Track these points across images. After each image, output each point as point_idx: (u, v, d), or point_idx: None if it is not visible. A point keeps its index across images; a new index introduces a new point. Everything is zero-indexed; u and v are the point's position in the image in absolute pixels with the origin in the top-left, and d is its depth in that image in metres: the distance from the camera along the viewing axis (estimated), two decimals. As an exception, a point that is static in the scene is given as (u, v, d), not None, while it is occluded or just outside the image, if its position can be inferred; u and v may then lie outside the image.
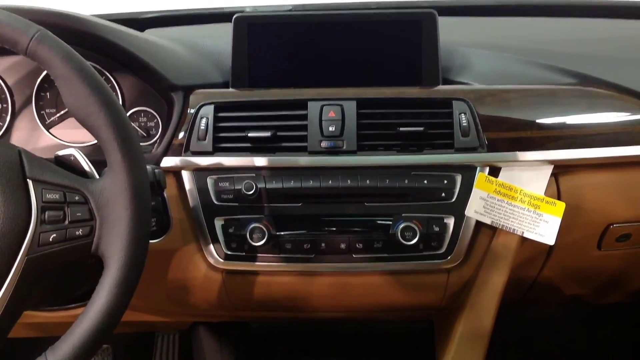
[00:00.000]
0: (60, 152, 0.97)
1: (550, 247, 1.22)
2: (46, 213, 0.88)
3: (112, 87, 1.24)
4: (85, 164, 0.95)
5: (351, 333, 1.55)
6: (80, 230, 0.88)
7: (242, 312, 1.38)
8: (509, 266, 1.22)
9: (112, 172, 0.89)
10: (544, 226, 1.17)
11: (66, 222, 0.88)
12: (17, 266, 0.85)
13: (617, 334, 2.17)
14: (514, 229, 1.18)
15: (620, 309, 1.79)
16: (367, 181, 1.16)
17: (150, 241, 1.16)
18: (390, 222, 1.17)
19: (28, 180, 0.88)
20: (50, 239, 0.87)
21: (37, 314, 1.29)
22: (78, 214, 0.89)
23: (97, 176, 0.94)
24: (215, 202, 1.17)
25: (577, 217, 1.20)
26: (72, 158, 0.96)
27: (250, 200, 1.16)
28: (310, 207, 1.18)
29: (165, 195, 1.17)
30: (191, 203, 1.18)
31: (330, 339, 1.52)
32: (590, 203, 1.20)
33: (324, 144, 1.16)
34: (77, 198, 0.89)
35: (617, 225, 1.23)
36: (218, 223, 1.18)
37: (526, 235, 1.18)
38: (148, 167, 1.00)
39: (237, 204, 1.17)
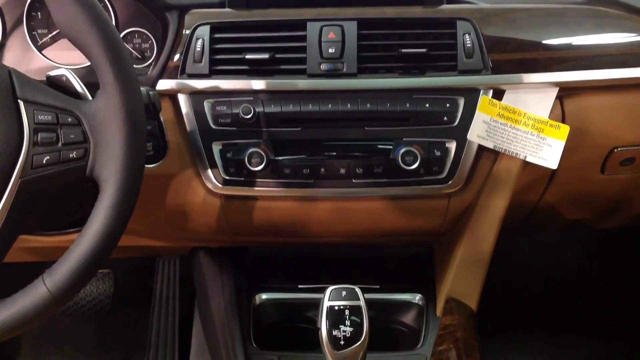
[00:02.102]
0: (52, 73, 0.94)
1: (553, 171, 1.21)
2: (39, 135, 0.86)
3: (105, 6, 1.20)
4: (78, 85, 0.93)
5: (350, 258, 1.55)
6: (74, 152, 0.87)
7: (242, 237, 1.39)
8: (511, 191, 1.21)
9: (105, 93, 0.87)
10: (547, 150, 1.15)
11: (59, 144, 0.87)
12: (10, 189, 0.84)
13: (618, 259, 2.19)
14: (516, 153, 1.16)
15: (621, 233, 1.80)
16: (368, 105, 1.14)
17: (148, 166, 1.16)
18: (391, 147, 1.16)
19: (19, 101, 0.86)
20: (44, 162, 0.86)
21: (34, 238, 1.29)
22: (71, 136, 0.87)
23: (90, 97, 0.92)
24: (213, 126, 1.15)
25: (581, 140, 1.18)
26: (64, 79, 0.93)
27: (249, 125, 1.14)
28: (309, 132, 1.16)
29: (161, 119, 1.16)
30: (188, 127, 1.16)
31: (329, 264, 1.53)
32: (595, 126, 1.18)
33: (323, 66, 1.13)
34: (69, 120, 0.88)
35: (622, 148, 1.21)
36: (216, 148, 1.16)
37: (529, 159, 1.16)
38: (142, 89, 0.98)
39: (235, 129, 1.15)
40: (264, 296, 1.48)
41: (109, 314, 2.07)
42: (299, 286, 1.48)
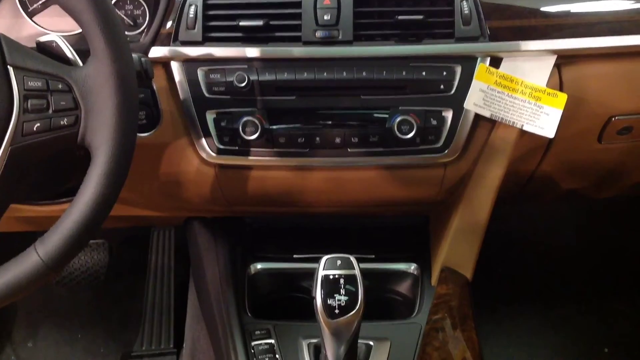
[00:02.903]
0: (42, 38, 0.93)
1: (550, 140, 1.20)
2: (29, 101, 0.85)
3: None
4: (68, 51, 0.92)
5: (345, 228, 1.55)
6: (65, 119, 0.86)
7: (236, 207, 1.38)
8: (507, 160, 1.21)
9: (96, 59, 0.86)
10: (544, 118, 1.14)
11: (50, 111, 0.86)
12: (0, 156, 0.83)
13: (614, 229, 2.19)
14: (513, 122, 1.15)
15: (617, 203, 1.80)
16: (364, 73, 1.12)
17: (141, 134, 1.15)
18: (387, 116, 1.15)
19: (8, 67, 0.85)
20: (34, 129, 0.85)
21: (26, 207, 1.28)
22: (62, 103, 0.86)
23: (81, 64, 0.91)
24: (207, 94, 1.14)
25: (579, 109, 1.17)
26: (54, 44, 0.92)
27: (243, 93, 1.12)
28: (304, 100, 1.15)
29: (154, 87, 1.14)
30: (181, 96, 1.14)
31: (324, 234, 1.53)
32: (593, 94, 1.17)
33: (318, 33, 1.12)
34: (60, 86, 0.86)
35: (619, 117, 1.20)
36: (210, 116, 1.15)
37: (526, 128, 1.15)
38: (134, 55, 0.97)
39: (229, 97, 1.14)
40: (259, 266, 1.48)
41: (103, 284, 2.08)
42: (294, 256, 1.48)
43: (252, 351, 1.24)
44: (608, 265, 2.15)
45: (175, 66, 1.13)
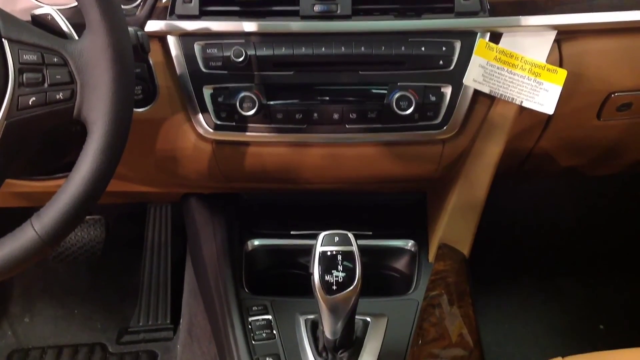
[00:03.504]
0: (37, 11, 0.92)
1: (549, 117, 1.19)
2: (24, 75, 0.84)
3: None
4: (63, 24, 0.91)
5: (343, 205, 1.55)
6: (61, 93, 0.85)
7: (233, 184, 1.38)
8: (506, 137, 1.20)
9: (92, 33, 0.85)
10: (543, 95, 1.13)
11: (45, 84, 0.85)
12: None
13: (612, 206, 2.20)
14: (512, 98, 1.14)
15: (614, 180, 1.80)
16: (362, 48, 1.11)
17: (137, 110, 1.14)
18: (385, 92, 1.14)
19: (3, 40, 0.84)
20: (30, 103, 0.84)
21: (23, 183, 1.28)
22: (57, 77, 0.85)
23: (77, 37, 0.90)
24: (203, 69, 1.13)
25: (579, 85, 1.17)
26: (49, 17, 0.91)
27: (240, 68, 1.11)
28: (302, 76, 1.14)
29: (150, 62, 1.13)
30: (178, 70, 1.13)
31: (322, 211, 1.53)
32: (593, 71, 1.17)
33: (316, 7, 1.10)
34: (55, 60, 0.85)
35: (619, 93, 1.20)
36: (207, 92, 1.14)
37: (525, 104, 1.15)
38: (130, 29, 0.96)
39: (226, 72, 1.13)
40: (256, 242, 1.48)
41: (100, 260, 2.08)
42: (291, 232, 1.48)
43: (250, 327, 1.25)
44: (605, 243, 2.15)
45: (171, 40, 1.12)
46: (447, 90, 1.14)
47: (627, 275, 2.08)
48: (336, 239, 1.00)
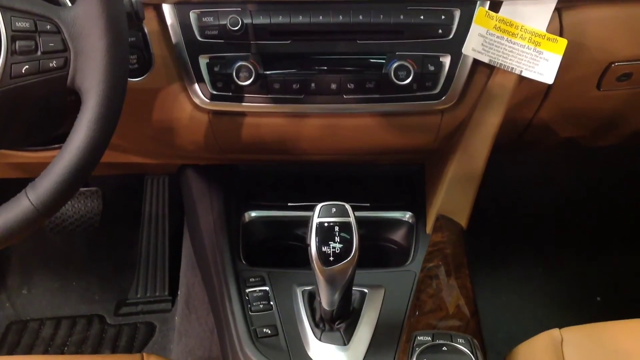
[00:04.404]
0: None
1: (548, 87, 1.18)
2: (17, 43, 0.83)
3: None
4: None
5: (341, 177, 1.55)
6: (54, 61, 0.84)
7: (230, 155, 1.37)
8: (505, 107, 1.19)
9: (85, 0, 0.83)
10: (543, 64, 1.12)
11: (38, 52, 0.84)
12: None
13: (610, 177, 2.20)
14: (512, 68, 1.13)
15: (613, 152, 1.79)
16: (360, 17, 1.09)
17: (132, 79, 1.12)
18: (384, 61, 1.13)
19: None
20: (23, 71, 0.83)
21: (18, 153, 1.27)
22: (51, 44, 0.84)
23: (70, 4, 0.88)
24: (199, 38, 1.11)
25: (579, 54, 1.15)
26: None
27: (236, 37, 1.10)
28: (299, 45, 1.13)
29: (145, 30, 1.11)
30: (174, 39, 1.12)
31: (319, 183, 1.52)
32: (593, 40, 1.15)
33: None
34: (48, 27, 0.84)
35: (619, 63, 1.19)
36: (203, 61, 1.13)
37: (525, 74, 1.14)
38: None
39: (222, 41, 1.11)
40: (253, 214, 1.47)
41: (97, 232, 2.07)
42: (289, 204, 1.48)
43: (247, 298, 1.25)
44: (603, 215, 2.16)
45: (167, 8, 1.10)
46: (446, 60, 1.13)
47: (624, 247, 2.08)
48: (333, 210, 0.99)
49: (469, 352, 0.96)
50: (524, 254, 2.06)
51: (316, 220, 0.99)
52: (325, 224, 0.98)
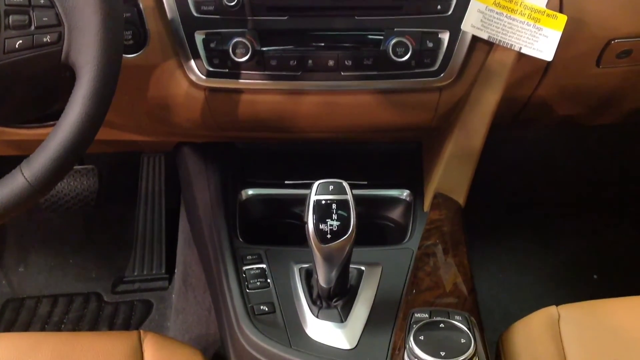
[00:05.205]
0: None
1: (548, 64, 1.18)
2: (10, 17, 0.82)
3: None
4: None
5: (338, 155, 1.54)
6: (48, 36, 0.83)
7: (227, 132, 1.36)
8: (504, 84, 1.19)
9: None
10: (543, 41, 1.11)
11: (32, 27, 0.83)
12: None
13: (609, 155, 2.19)
14: (511, 44, 1.12)
15: (611, 130, 1.79)
16: None
17: (127, 56, 1.11)
18: (382, 37, 1.12)
19: None
20: (17, 46, 0.82)
21: (13, 131, 1.26)
22: (44, 19, 0.83)
23: None
24: (195, 14, 1.10)
25: (578, 31, 1.14)
26: None
27: (233, 13, 1.09)
28: (297, 21, 1.12)
29: (140, 5, 1.10)
30: (169, 15, 1.10)
31: (316, 161, 1.52)
32: (593, 16, 1.14)
33: None
34: (42, 1, 0.84)
35: (619, 40, 1.18)
36: (199, 37, 1.12)
37: (524, 50, 1.13)
38: None
39: (218, 17, 1.10)
40: (250, 192, 1.47)
41: (94, 209, 2.07)
42: (286, 182, 1.47)
43: (244, 275, 1.24)
44: (601, 193, 2.16)
45: (162, -16, 1.09)
46: (445, 36, 1.12)
47: (622, 225, 2.08)
48: (331, 187, 0.99)
49: (466, 329, 0.96)
50: (521, 231, 2.06)
51: (313, 197, 0.98)
52: (323, 202, 0.98)
